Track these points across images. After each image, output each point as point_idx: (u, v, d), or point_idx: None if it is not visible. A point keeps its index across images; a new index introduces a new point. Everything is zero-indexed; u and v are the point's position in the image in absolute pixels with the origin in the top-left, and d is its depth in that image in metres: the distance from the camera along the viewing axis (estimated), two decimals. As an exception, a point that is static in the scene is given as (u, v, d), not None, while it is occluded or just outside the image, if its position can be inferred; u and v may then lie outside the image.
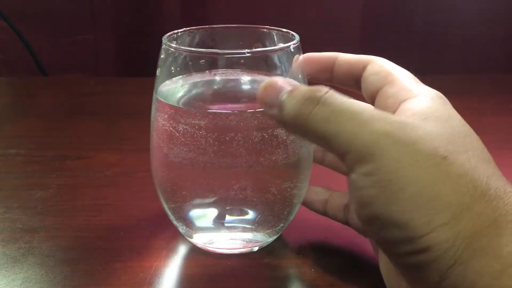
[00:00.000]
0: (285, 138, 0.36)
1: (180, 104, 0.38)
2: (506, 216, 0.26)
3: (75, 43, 0.99)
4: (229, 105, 0.38)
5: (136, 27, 0.99)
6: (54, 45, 0.99)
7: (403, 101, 0.31)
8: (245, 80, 0.40)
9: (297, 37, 0.38)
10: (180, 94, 0.39)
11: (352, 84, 0.37)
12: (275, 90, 0.30)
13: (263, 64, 0.37)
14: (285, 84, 0.30)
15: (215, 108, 0.38)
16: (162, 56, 0.38)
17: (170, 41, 0.38)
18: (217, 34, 0.41)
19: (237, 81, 0.39)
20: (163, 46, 0.37)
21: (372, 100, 0.35)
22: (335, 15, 0.99)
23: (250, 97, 0.39)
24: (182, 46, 0.38)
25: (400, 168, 0.26)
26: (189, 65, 0.37)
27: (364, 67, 0.35)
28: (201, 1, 0.98)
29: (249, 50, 0.35)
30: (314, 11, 0.98)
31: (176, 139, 0.36)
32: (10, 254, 0.41)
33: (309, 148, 0.39)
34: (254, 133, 0.35)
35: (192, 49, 0.36)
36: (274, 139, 0.36)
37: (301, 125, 0.28)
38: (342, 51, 0.37)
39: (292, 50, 0.37)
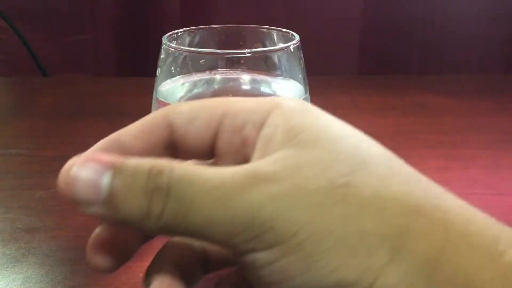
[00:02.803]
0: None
1: (180, 104, 0.38)
2: (456, 229, 0.20)
3: (75, 43, 0.99)
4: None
5: (136, 27, 0.99)
6: (54, 45, 0.99)
7: (255, 124, 0.23)
8: (245, 80, 0.40)
9: (297, 37, 0.38)
10: (180, 94, 0.39)
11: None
12: (88, 178, 0.20)
13: (263, 64, 0.37)
14: (103, 165, 0.20)
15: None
16: (162, 56, 0.38)
17: (170, 41, 0.38)
18: (217, 34, 0.41)
19: (237, 81, 0.39)
20: (163, 46, 0.37)
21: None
22: (335, 16, 0.99)
23: (250, 97, 0.39)
24: (182, 46, 0.38)
25: (302, 224, 0.20)
26: (189, 65, 0.37)
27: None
28: (201, 1, 0.98)
29: (249, 50, 0.35)
30: (314, 11, 0.98)
31: (176, 139, 0.36)
32: (10, 254, 0.41)
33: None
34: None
35: (192, 49, 0.36)
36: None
37: (156, 226, 0.20)
38: (342, 51, 0.37)
39: (292, 50, 0.37)
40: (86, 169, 0.20)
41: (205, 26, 0.40)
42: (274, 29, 0.40)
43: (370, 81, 0.88)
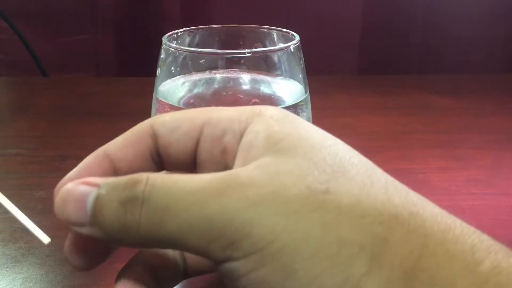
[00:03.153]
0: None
1: (180, 104, 0.38)
2: (434, 237, 0.20)
3: (75, 43, 0.99)
4: (229, 105, 0.38)
5: (136, 27, 0.99)
6: (54, 45, 0.99)
7: (234, 132, 0.23)
8: (245, 80, 0.40)
9: (297, 37, 0.38)
10: (180, 94, 0.39)
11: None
12: (78, 201, 0.21)
13: (263, 64, 0.37)
14: (87, 187, 0.21)
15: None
16: (162, 56, 0.38)
17: (170, 41, 0.38)
18: (217, 34, 0.41)
19: (237, 81, 0.39)
20: (163, 46, 0.37)
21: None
22: (335, 15, 0.99)
23: (250, 97, 0.39)
24: (182, 46, 0.38)
25: (279, 232, 0.19)
26: (189, 65, 0.37)
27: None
28: (201, 1, 0.98)
29: (249, 50, 0.35)
30: (314, 11, 0.98)
31: (176, 139, 0.36)
32: (10, 254, 0.41)
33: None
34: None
35: (192, 49, 0.36)
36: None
37: (135, 239, 0.20)
38: (342, 51, 0.37)
39: (292, 50, 0.37)
40: (74, 192, 0.21)
41: (205, 26, 0.40)
42: (274, 29, 0.40)
43: (370, 81, 0.88)
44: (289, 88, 0.39)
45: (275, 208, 0.20)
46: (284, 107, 0.37)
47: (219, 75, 0.39)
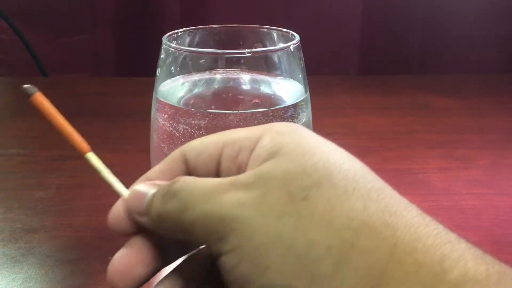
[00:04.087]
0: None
1: (180, 104, 0.38)
2: (403, 246, 0.21)
3: (75, 43, 0.99)
4: (229, 105, 0.38)
5: (136, 27, 0.99)
6: (54, 45, 0.99)
7: (247, 150, 0.26)
8: (245, 80, 0.40)
9: (297, 37, 0.38)
10: (180, 94, 0.39)
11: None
12: (139, 197, 0.26)
13: (263, 64, 0.37)
14: (148, 187, 0.26)
15: (215, 108, 0.38)
16: (162, 56, 0.38)
17: (170, 41, 0.38)
18: (217, 34, 0.41)
19: (237, 81, 0.39)
20: (163, 46, 0.37)
21: None
22: (335, 15, 0.99)
23: (250, 97, 0.39)
24: (182, 46, 0.38)
25: (257, 230, 0.22)
26: (189, 65, 0.37)
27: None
28: (201, 1, 0.98)
29: (249, 50, 0.35)
30: (314, 11, 0.98)
31: (176, 139, 0.36)
32: (10, 254, 0.41)
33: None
34: (254, 133, 0.35)
35: (192, 49, 0.36)
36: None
37: (167, 225, 0.24)
38: (343, 51, 0.37)
39: (292, 50, 0.37)
40: (139, 190, 0.26)
41: (205, 26, 0.40)
42: (274, 29, 0.40)
43: (370, 81, 0.88)
44: (289, 88, 0.39)
45: (257, 210, 0.22)
46: (284, 107, 0.37)
47: (219, 75, 0.39)
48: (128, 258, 0.26)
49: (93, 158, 0.30)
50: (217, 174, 0.26)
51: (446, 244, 0.21)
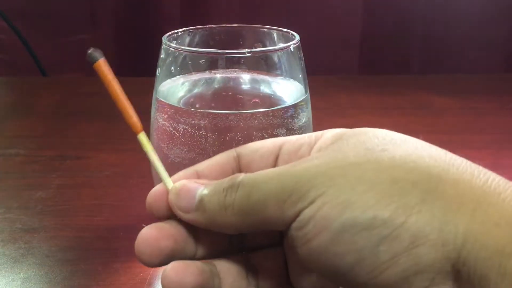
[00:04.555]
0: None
1: (180, 104, 0.38)
2: (496, 181, 0.22)
3: (75, 43, 0.99)
4: (229, 105, 0.38)
5: (136, 27, 0.99)
6: (54, 45, 0.98)
7: (309, 144, 0.28)
8: (245, 80, 0.40)
9: (297, 37, 0.38)
10: (180, 94, 0.39)
11: None
12: (188, 192, 0.26)
13: (263, 64, 0.37)
14: (196, 184, 0.27)
15: (215, 108, 0.38)
16: (162, 56, 0.38)
17: (170, 41, 0.38)
18: (217, 34, 0.41)
19: (237, 80, 0.39)
20: (163, 46, 0.37)
21: None
22: (335, 15, 0.99)
23: (250, 97, 0.39)
24: (182, 46, 0.38)
25: (338, 176, 0.23)
26: (189, 65, 0.37)
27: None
28: (201, 1, 0.98)
29: (249, 50, 0.35)
30: (314, 11, 0.98)
31: (176, 139, 0.36)
32: (10, 254, 0.41)
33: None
34: (254, 133, 0.35)
35: (192, 49, 0.36)
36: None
37: (229, 218, 0.25)
38: (342, 50, 0.37)
39: (292, 50, 0.37)
40: (187, 187, 0.27)
41: (205, 26, 0.40)
42: (274, 29, 0.40)
43: (370, 81, 0.88)
44: (289, 88, 0.39)
45: (335, 163, 0.24)
46: (284, 107, 0.37)
47: (219, 75, 0.39)
48: (158, 229, 0.26)
49: (144, 139, 0.30)
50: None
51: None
